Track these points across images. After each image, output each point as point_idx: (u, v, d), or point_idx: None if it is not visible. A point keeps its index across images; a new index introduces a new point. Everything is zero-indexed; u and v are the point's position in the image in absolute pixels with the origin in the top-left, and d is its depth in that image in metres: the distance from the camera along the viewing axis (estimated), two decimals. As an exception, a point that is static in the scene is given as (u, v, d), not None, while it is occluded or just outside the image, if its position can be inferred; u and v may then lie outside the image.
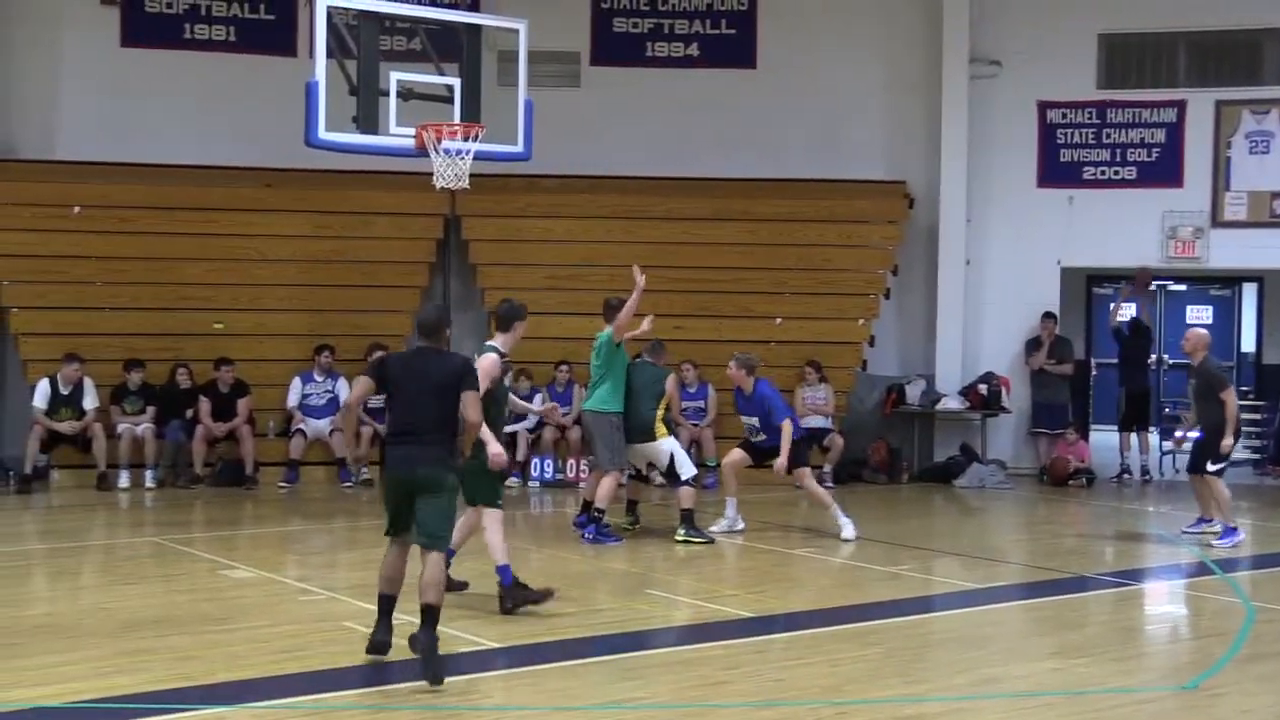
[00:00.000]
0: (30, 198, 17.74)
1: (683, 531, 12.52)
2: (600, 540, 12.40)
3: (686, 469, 12.78)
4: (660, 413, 12.88)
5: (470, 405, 8.15)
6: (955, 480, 17.75)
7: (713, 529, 13.02)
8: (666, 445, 12.86)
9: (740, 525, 13.26)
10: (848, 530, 12.85)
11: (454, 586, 9.51)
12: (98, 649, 8.32)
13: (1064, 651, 8.77)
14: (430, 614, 7.80)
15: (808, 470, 13.46)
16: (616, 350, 12.73)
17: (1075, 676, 8.14)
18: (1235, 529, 13.04)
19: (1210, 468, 13.08)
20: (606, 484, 12.51)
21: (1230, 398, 12.95)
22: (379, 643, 8.05)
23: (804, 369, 17.57)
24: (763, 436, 13.19)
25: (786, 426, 12.98)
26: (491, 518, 9.48)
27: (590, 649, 8.61)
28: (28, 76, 18.18)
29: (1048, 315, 18.65)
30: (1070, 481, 17.69)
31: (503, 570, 9.42)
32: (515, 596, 9.43)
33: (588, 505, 12.68)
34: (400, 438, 8.18)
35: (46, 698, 7.24)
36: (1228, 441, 12.85)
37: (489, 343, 9.91)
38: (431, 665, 7.61)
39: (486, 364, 9.42)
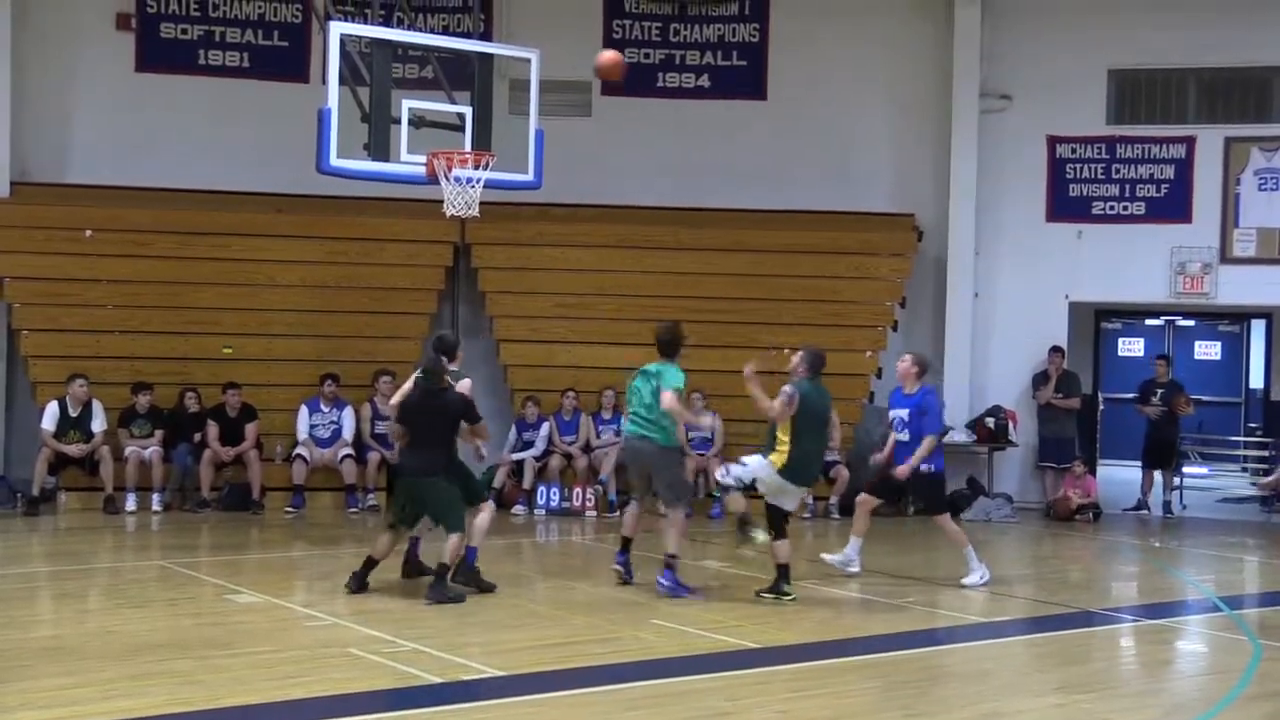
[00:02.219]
0: (43, 221, 17.82)
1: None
2: (677, 592, 11.32)
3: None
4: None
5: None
6: (961, 513, 17.71)
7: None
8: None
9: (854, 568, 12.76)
10: (973, 578, 12.33)
11: (484, 587, 11.08)
12: (103, 672, 8.33)
13: (1067, 687, 8.76)
14: (441, 568, 10.67)
15: (946, 514, 13.00)
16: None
17: (1079, 712, 8.13)
18: None
19: None
20: (679, 524, 11.49)
21: None
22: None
23: None
24: (906, 435, 12.59)
25: (929, 441, 12.44)
26: (485, 508, 11.31)
27: (596, 678, 8.60)
28: (42, 100, 18.27)
29: (1055, 349, 18.67)
30: (1077, 516, 17.67)
31: (471, 551, 11.05)
32: (467, 577, 11.01)
33: (627, 543, 11.82)
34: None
35: (50, 720, 7.26)
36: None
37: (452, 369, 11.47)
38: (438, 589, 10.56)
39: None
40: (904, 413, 12.71)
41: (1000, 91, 19.17)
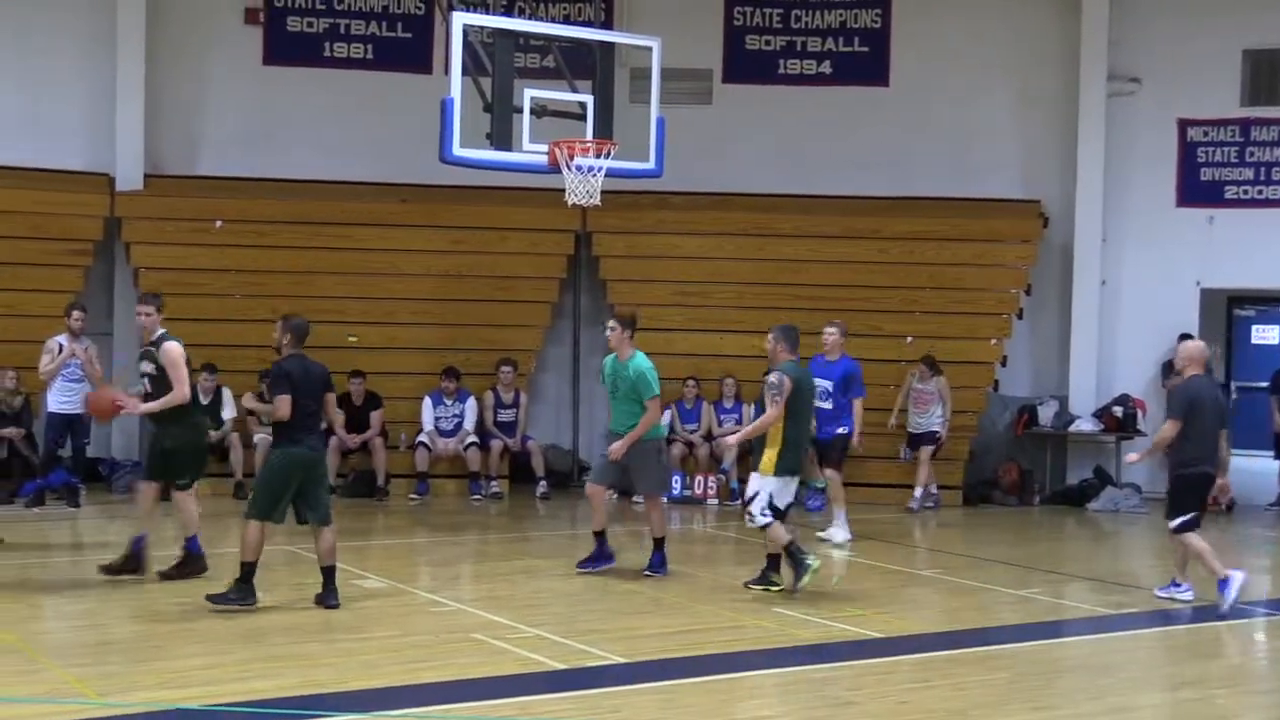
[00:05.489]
0: (174, 212, 18.22)
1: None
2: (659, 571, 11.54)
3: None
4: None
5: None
6: (1088, 504, 17.46)
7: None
8: None
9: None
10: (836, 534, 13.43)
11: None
12: (235, 654, 8.52)
13: (1200, 681, 8.59)
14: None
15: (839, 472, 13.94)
16: None
17: (1212, 708, 7.96)
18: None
19: (1172, 525, 11.19)
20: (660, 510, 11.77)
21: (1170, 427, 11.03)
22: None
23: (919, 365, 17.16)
24: (830, 404, 13.66)
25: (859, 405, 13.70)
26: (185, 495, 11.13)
27: (720, 666, 8.61)
28: (174, 94, 18.66)
29: (1185, 336, 18.24)
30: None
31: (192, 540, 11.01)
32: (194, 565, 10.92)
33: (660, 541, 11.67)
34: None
35: (189, 699, 7.43)
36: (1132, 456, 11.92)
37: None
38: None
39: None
40: (828, 383, 13.52)
41: (1129, 74, 18.78)
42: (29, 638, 8.94)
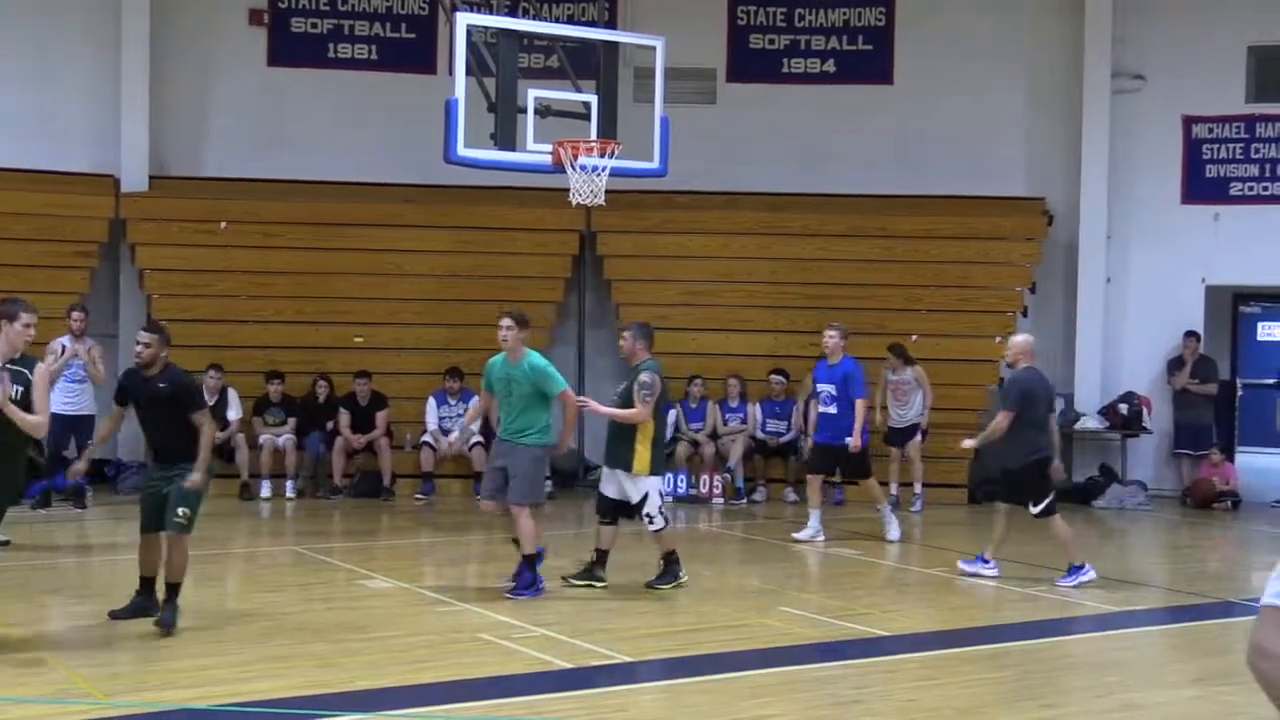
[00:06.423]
0: (179, 214, 18.24)
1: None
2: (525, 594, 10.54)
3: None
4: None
5: None
6: (1094, 501, 17.44)
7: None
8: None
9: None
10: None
11: None
12: (241, 654, 8.52)
13: (1207, 678, 8.57)
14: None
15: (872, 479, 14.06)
16: None
17: (1221, 705, 7.94)
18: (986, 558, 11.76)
19: (1034, 512, 11.54)
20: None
21: (1004, 419, 11.43)
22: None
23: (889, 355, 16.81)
24: (834, 409, 13.58)
25: (862, 406, 13.59)
26: None
27: (724, 665, 8.60)
28: (178, 96, 18.69)
29: (1190, 334, 18.26)
30: (1215, 505, 17.27)
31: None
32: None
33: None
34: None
35: (194, 699, 7.43)
36: (967, 443, 12.02)
37: None
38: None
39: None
40: (831, 388, 13.43)
41: (1133, 71, 18.77)
42: (36, 638, 8.95)
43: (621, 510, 10.91)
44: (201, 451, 9.04)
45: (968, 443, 12.09)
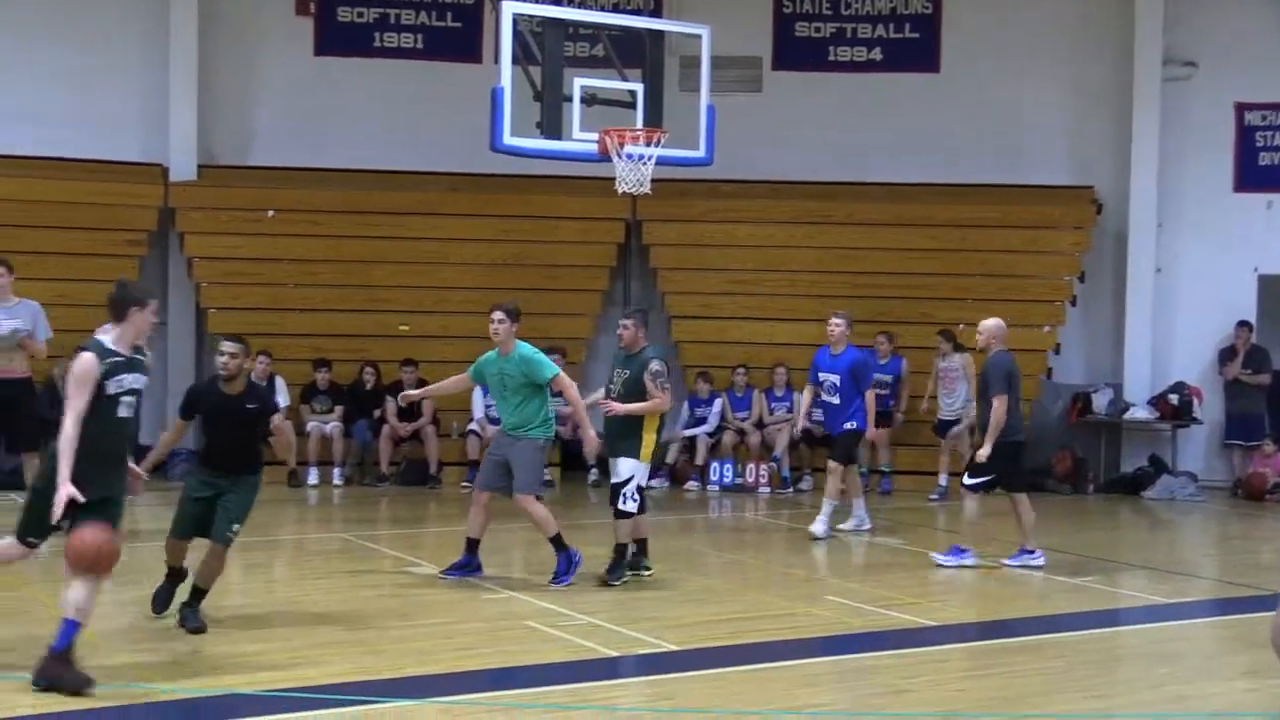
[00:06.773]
0: (228, 202, 18.35)
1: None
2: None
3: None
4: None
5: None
6: (1144, 492, 17.31)
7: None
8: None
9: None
10: (849, 523, 13.38)
11: None
12: (290, 640, 8.56)
13: (1259, 671, 8.46)
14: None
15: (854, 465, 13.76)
16: None
17: (1272, 697, 7.85)
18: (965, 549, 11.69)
19: (967, 481, 11.64)
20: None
21: (1001, 404, 11.38)
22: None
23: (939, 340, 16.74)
24: (837, 399, 13.31)
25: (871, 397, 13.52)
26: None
27: (770, 654, 8.59)
28: (226, 85, 18.78)
29: (1242, 323, 18.07)
30: (1268, 496, 17.09)
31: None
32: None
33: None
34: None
35: (243, 685, 7.47)
36: (983, 451, 11.54)
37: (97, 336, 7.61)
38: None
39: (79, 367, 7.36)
40: (835, 377, 13.14)
41: (1184, 59, 18.58)
42: (89, 624, 9.00)
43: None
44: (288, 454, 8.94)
45: (983, 452, 11.57)
